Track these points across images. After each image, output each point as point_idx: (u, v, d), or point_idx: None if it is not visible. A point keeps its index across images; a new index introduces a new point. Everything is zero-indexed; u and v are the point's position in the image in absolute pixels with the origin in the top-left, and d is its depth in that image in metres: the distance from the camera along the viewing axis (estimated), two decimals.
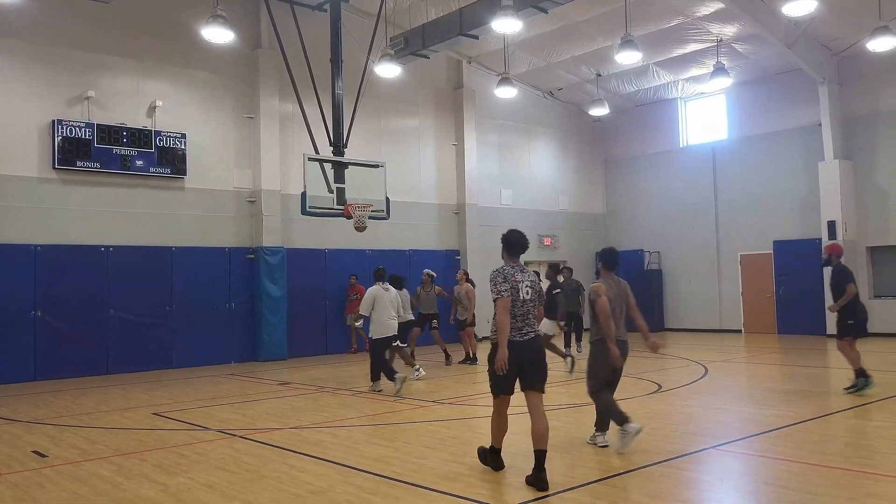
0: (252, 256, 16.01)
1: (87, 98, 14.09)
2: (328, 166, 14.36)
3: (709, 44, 17.80)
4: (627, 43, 14.46)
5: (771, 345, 16.93)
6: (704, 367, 12.51)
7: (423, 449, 6.94)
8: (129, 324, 14.32)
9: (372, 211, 14.58)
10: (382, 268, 11.49)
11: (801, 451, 6.50)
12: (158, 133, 14.74)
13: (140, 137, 14.50)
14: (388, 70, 15.30)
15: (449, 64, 19.97)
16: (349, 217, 14.26)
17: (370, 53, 15.72)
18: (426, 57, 16.85)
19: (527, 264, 6.64)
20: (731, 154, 20.43)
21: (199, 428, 8.36)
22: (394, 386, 10.55)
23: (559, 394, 9.97)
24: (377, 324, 10.86)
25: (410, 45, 16.33)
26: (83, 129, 13.87)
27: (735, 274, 20.24)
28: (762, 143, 19.67)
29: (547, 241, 21.44)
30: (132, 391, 11.67)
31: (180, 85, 15.42)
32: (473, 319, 14.44)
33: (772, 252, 19.34)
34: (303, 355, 16.30)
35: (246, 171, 16.19)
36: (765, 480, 5.69)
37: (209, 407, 9.95)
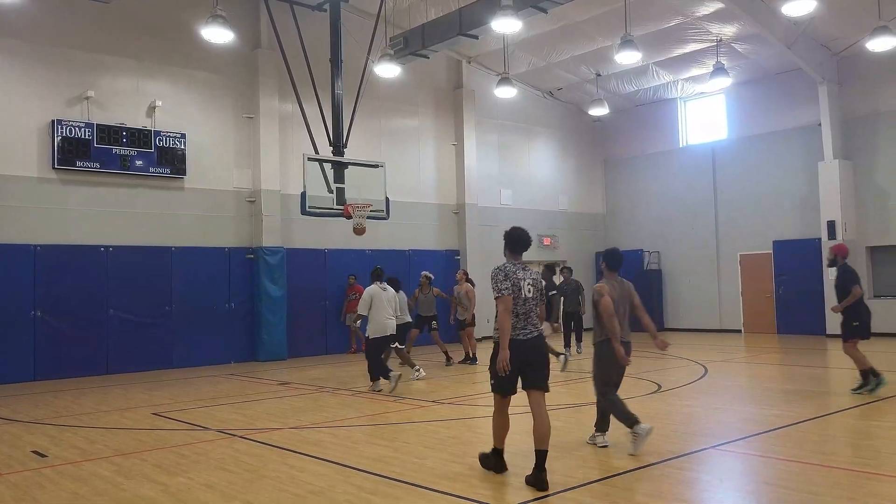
0: (252, 256, 16.01)
1: (87, 98, 14.09)
2: (328, 166, 14.36)
3: (708, 44, 17.81)
4: (627, 43, 14.47)
5: (771, 345, 16.93)
6: (704, 367, 12.51)
7: (423, 449, 6.93)
8: (129, 324, 14.32)
9: (372, 211, 14.57)
10: (380, 267, 11.52)
11: (802, 451, 6.50)
12: (158, 133, 14.75)
13: (140, 137, 14.50)
14: (388, 70, 15.30)
15: (449, 64, 19.97)
16: (349, 217, 14.26)
17: (370, 53, 15.72)
18: (426, 57, 16.84)
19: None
20: (731, 154, 20.44)
21: (199, 428, 8.36)
22: (388, 384, 10.61)
23: (559, 394, 9.97)
24: (374, 323, 10.89)
25: (410, 45, 16.33)
26: (83, 129, 13.87)
27: (735, 274, 20.25)
28: (762, 143, 19.67)
29: (547, 241, 21.44)
30: (132, 391, 11.67)
31: (180, 85, 15.42)
32: (473, 319, 14.45)
33: (771, 252, 19.35)
34: (302, 355, 16.31)
35: (246, 171, 16.19)
36: (765, 480, 5.69)
37: (209, 407, 9.95)
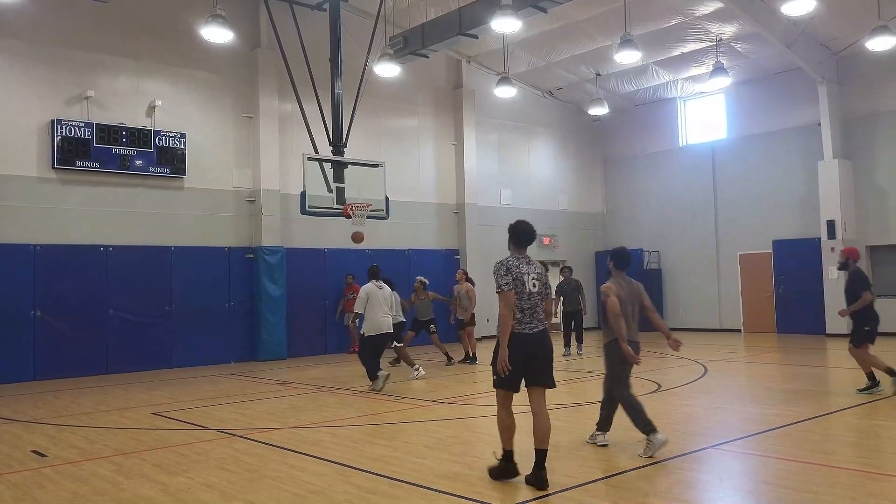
0: (251, 256, 16.00)
1: (87, 98, 14.08)
2: (328, 166, 14.36)
3: (708, 43, 17.81)
4: (627, 42, 14.48)
5: (770, 344, 16.93)
6: (704, 367, 12.50)
7: (423, 448, 6.93)
8: (129, 323, 14.32)
9: (371, 210, 14.57)
10: (377, 266, 11.54)
11: (802, 451, 6.49)
12: (158, 133, 14.74)
13: (139, 137, 14.49)
14: (388, 69, 15.30)
15: (448, 63, 19.96)
16: (349, 217, 14.25)
17: (369, 53, 15.73)
18: (425, 56, 16.83)
19: None
20: (731, 153, 20.44)
21: (199, 428, 8.35)
22: (377, 383, 10.68)
23: (559, 393, 9.95)
24: (370, 321, 10.92)
25: (410, 45, 16.32)
26: (82, 129, 13.86)
27: (734, 273, 20.25)
28: (761, 143, 19.68)
29: (546, 241, 21.43)
30: (132, 391, 11.67)
31: (180, 85, 15.41)
32: (473, 319, 14.45)
33: (771, 251, 19.36)
34: (302, 355, 16.30)
35: (245, 171, 16.19)
36: (765, 480, 5.69)
37: (209, 406, 9.95)
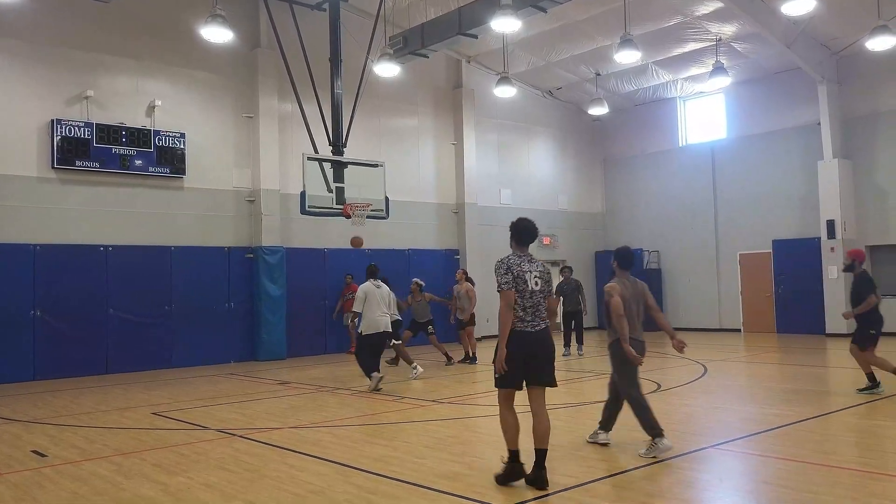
0: (251, 256, 16.00)
1: (87, 98, 14.08)
2: (327, 166, 14.35)
3: (708, 43, 17.81)
4: (626, 42, 14.47)
5: (770, 344, 16.93)
6: (704, 367, 12.52)
7: (423, 448, 6.93)
8: (129, 323, 14.32)
9: (371, 210, 14.57)
10: (375, 265, 11.55)
11: (802, 450, 6.49)
12: (158, 133, 14.74)
13: (139, 137, 14.49)
14: (388, 69, 15.30)
15: (448, 63, 19.96)
16: (348, 217, 14.25)
17: (369, 53, 15.72)
18: (425, 56, 16.82)
19: None
20: (731, 153, 20.44)
21: (199, 427, 8.35)
22: (369, 382, 10.71)
23: (559, 393, 9.96)
24: (367, 320, 10.94)
25: (409, 45, 16.32)
26: (82, 129, 13.86)
27: (734, 273, 20.25)
28: (761, 143, 19.68)
29: (546, 241, 21.43)
30: (131, 391, 11.67)
31: (180, 85, 15.41)
32: (473, 319, 14.45)
33: (771, 251, 19.36)
34: (302, 355, 16.30)
35: (245, 171, 16.18)
36: (765, 480, 5.69)
37: (209, 406, 9.94)
